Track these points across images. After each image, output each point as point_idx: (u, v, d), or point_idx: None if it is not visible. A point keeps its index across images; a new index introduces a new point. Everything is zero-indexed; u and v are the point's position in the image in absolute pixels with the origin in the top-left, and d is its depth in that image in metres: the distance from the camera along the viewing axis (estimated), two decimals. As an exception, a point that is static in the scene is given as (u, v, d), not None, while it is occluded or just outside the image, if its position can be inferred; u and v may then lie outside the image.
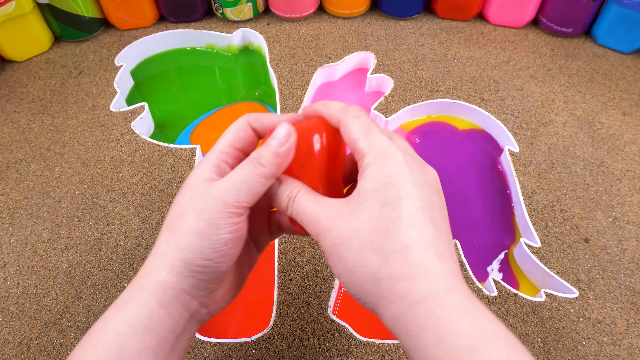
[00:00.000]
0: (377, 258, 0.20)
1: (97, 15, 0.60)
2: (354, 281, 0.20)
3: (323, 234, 0.21)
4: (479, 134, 0.53)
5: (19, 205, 0.45)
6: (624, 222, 0.44)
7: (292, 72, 0.56)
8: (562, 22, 0.60)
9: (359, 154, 0.21)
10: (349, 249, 0.20)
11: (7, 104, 0.54)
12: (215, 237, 0.21)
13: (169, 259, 0.22)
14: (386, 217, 0.20)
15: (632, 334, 0.38)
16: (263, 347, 0.37)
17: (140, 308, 0.21)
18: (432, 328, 0.18)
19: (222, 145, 0.24)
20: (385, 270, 0.19)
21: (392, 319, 0.20)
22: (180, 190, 0.23)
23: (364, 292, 0.20)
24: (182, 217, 0.22)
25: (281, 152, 0.22)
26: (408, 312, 0.19)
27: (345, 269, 0.20)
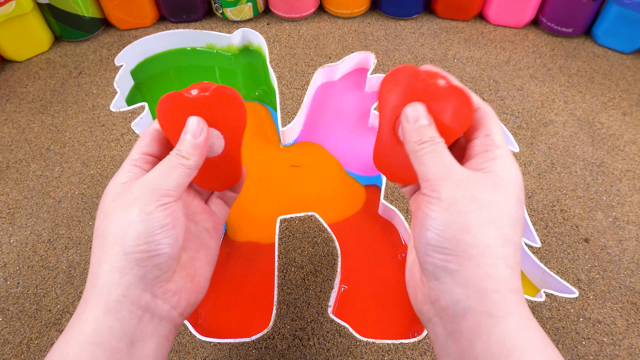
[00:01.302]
0: (499, 237, 0.20)
1: (97, 15, 0.60)
2: (464, 239, 0.20)
3: (455, 183, 0.21)
4: (479, 134, 0.52)
5: (19, 205, 0.45)
6: (624, 222, 0.44)
7: (292, 72, 0.56)
8: (562, 22, 0.60)
9: (494, 142, 0.22)
10: (478, 213, 0.20)
11: (7, 104, 0.54)
12: (149, 222, 0.21)
13: (107, 259, 0.21)
14: (516, 210, 0.21)
15: (632, 334, 0.38)
16: (263, 347, 0.37)
17: (85, 323, 0.20)
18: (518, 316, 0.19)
19: (132, 154, 0.24)
20: (501, 250, 0.20)
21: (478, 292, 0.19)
22: (100, 204, 0.23)
23: (465, 254, 0.20)
24: (110, 217, 0.22)
25: (199, 142, 0.24)
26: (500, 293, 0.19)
27: (462, 224, 0.20)
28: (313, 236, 0.43)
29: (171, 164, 0.23)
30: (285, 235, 0.43)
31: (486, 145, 0.22)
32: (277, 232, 0.43)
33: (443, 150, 0.22)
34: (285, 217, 0.43)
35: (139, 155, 0.24)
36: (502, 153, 0.22)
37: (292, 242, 0.43)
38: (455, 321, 0.20)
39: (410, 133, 0.23)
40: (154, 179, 0.22)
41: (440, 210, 0.20)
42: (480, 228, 0.20)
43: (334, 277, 0.40)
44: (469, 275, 0.20)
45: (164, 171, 0.23)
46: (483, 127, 0.23)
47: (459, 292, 0.20)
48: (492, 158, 0.22)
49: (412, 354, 0.37)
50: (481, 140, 0.23)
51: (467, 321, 0.19)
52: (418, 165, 0.22)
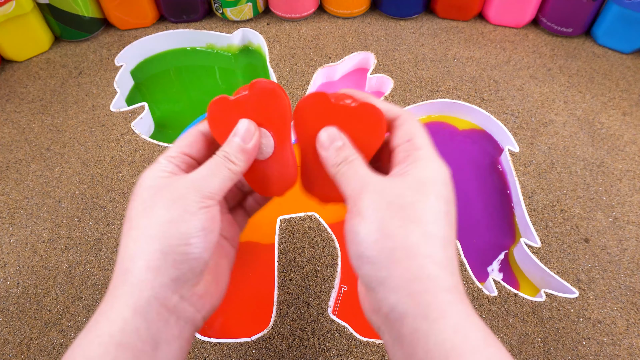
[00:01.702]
0: (421, 235, 0.20)
1: (97, 15, 0.60)
2: (385, 245, 0.20)
3: (369, 193, 0.21)
4: (479, 134, 0.53)
5: (19, 205, 0.45)
6: (624, 222, 0.44)
7: (292, 72, 0.56)
8: (562, 22, 0.60)
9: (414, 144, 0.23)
10: (396, 216, 0.20)
11: (7, 104, 0.54)
12: (192, 223, 0.21)
13: (143, 255, 0.21)
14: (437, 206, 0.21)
15: (632, 334, 0.38)
16: (263, 347, 0.37)
17: (112, 323, 0.20)
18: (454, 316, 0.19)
19: (170, 151, 0.24)
20: (425, 249, 0.20)
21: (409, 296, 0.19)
22: (135, 193, 0.23)
23: (389, 259, 0.20)
24: (151, 211, 0.21)
25: (248, 148, 0.24)
26: (431, 293, 0.19)
27: (381, 231, 0.20)
28: (313, 236, 0.43)
29: (217, 165, 0.23)
30: (285, 235, 0.43)
31: (407, 150, 0.23)
32: (277, 232, 0.43)
33: (358, 165, 0.23)
34: (285, 217, 0.44)
35: (177, 153, 0.24)
36: (422, 154, 0.22)
37: (292, 242, 0.43)
38: (395, 327, 0.20)
39: (327, 158, 0.24)
40: (200, 179, 0.22)
41: (361, 222, 0.20)
42: (400, 230, 0.20)
43: (334, 277, 0.40)
44: (398, 280, 0.19)
45: (209, 172, 0.22)
46: (404, 134, 0.23)
47: (393, 298, 0.20)
48: (413, 161, 0.22)
49: (412, 354, 0.37)
50: (403, 147, 0.23)
51: (406, 326, 0.19)
52: (340, 186, 0.23)
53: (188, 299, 0.22)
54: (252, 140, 0.24)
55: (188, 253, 0.21)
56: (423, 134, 0.24)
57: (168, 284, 0.21)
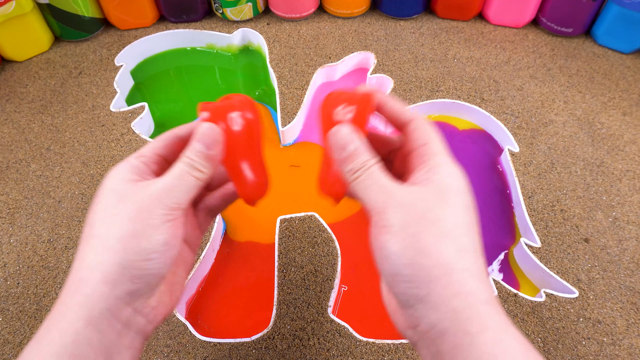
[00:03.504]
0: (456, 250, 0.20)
1: (97, 15, 0.60)
2: (422, 263, 0.19)
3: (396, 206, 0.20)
4: (479, 134, 0.53)
5: (19, 205, 0.45)
6: (624, 222, 0.44)
7: (292, 72, 0.56)
8: (562, 22, 0.60)
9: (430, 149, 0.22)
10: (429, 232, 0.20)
11: (7, 104, 0.54)
12: (154, 238, 0.20)
13: (101, 266, 0.20)
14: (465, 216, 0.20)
15: (632, 334, 0.38)
16: (263, 347, 0.37)
17: (64, 333, 0.19)
18: (494, 328, 0.19)
19: (143, 150, 0.23)
20: (461, 263, 0.19)
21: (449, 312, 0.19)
22: (99, 194, 0.22)
23: (428, 277, 0.19)
24: (112, 221, 0.21)
25: (213, 154, 0.23)
26: (472, 308, 0.19)
27: (417, 249, 0.19)
28: (313, 236, 0.43)
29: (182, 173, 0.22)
30: (285, 235, 0.43)
31: (423, 155, 0.22)
32: (277, 232, 0.43)
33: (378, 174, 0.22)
34: (285, 217, 0.43)
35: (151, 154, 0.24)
36: (440, 160, 0.22)
37: (292, 242, 0.43)
38: (436, 344, 0.20)
39: (343, 163, 0.22)
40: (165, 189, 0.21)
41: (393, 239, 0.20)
42: (435, 247, 0.20)
43: (334, 277, 0.40)
44: (438, 297, 0.19)
45: (174, 181, 0.22)
46: (419, 137, 0.23)
47: (433, 316, 0.19)
48: (432, 167, 0.22)
49: (412, 354, 0.37)
50: (418, 151, 0.22)
51: (446, 343, 0.19)
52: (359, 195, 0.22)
53: (140, 311, 0.22)
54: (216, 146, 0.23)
55: (147, 269, 0.21)
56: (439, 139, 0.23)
57: (122, 298, 0.20)
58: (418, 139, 0.23)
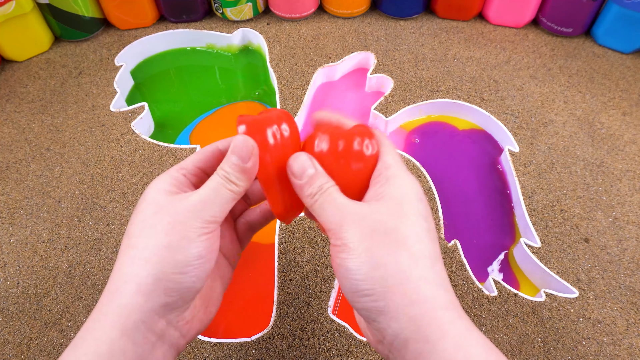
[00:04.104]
0: (410, 258, 0.20)
1: (97, 15, 0.60)
2: (377, 275, 0.20)
3: (350, 224, 0.21)
4: (479, 134, 0.53)
5: (19, 205, 0.45)
6: (624, 222, 0.44)
7: (292, 72, 0.56)
8: (562, 22, 0.60)
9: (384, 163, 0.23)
10: (382, 244, 0.20)
11: (7, 104, 0.54)
12: (189, 251, 0.20)
13: (136, 278, 0.20)
14: (419, 225, 0.21)
15: (632, 334, 0.38)
16: (263, 347, 0.37)
17: (100, 342, 0.20)
18: (454, 334, 0.19)
19: (185, 162, 0.24)
20: (416, 271, 0.20)
21: (409, 321, 0.19)
22: (139, 206, 0.22)
23: (384, 288, 0.20)
24: (149, 233, 0.21)
25: (248, 167, 0.22)
26: (430, 314, 0.19)
27: (372, 262, 0.20)
28: (313, 236, 0.43)
29: (217, 186, 0.22)
30: (285, 235, 0.43)
31: (378, 170, 0.23)
32: (277, 232, 0.43)
33: (334, 194, 0.22)
34: (285, 217, 0.43)
35: (192, 166, 0.24)
36: (392, 172, 0.22)
37: (292, 242, 0.43)
38: (401, 354, 0.20)
39: (302, 188, 0.23)
40: (201, 203, 0.21)
41: (348, 256, 0.20)
42: (389, 258, 0.20)
43: (334, 277, 0.40)
44: (396, 307, 0.20)
45: (210, 194, 0.22)
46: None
47: (394, 325, 0.20)
48: (385, 181, 0.22)
49: (412, 354, 0.37)
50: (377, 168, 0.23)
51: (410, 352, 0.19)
52: (318, 217, 0.22)
53: (175, 324, 0.22)
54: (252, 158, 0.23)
55: (181, 282, 0.21)
56: (391, 149, 0.23)
57: (157, 310, 0.21)
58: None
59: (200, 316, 0.24)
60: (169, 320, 0.21)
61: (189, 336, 0.23)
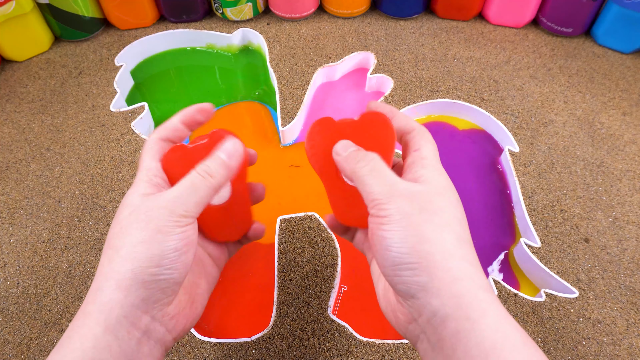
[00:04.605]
0: (455, 238, 0.21)
1: (97, 15, 0.60)
2: (424, 249, 0.20)
3: (400, 198, 0.21)
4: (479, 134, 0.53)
5: (19, 205, 0.45)
6: (624, 222, 0.44)
7: (292, 72, 0.56)
8: (562, 22, 0.60)
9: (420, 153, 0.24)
10: (429, 221, 0.21)
11: (7, 104, 0.54)
12: (165, 244, 0.21)
13: (114, 275, 0.21)
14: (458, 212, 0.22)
15: (632, 334, 0.38)
16: (263, 347, 0.37)
17: (84, 339, 0.20)
18: (493, 314, 0.19)
19: (145, 164, 0.24)
20: (460, 251, 0.21)
21: (452, 298, 0.20)
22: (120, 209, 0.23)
23: (430, 262, 0.20)
24: (125, 232, 0.21)
25: (231, 164, 0.24)
26: (472, 293, 0.20)
27: (419, 236, 0.20)
28: (313, 236, 0.43)
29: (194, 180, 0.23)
30: (285, 235, 0.43)
31: (415, 158, 0.24)
32: (277, 232, 0.43)
33: (381, 166, 0.23)
34: (285, 217, 0.43)
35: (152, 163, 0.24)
36: (430, 162, 0.24)
37: (292, 242, 0.43)
38: (437, 332, 0.20)
39: (346, 161, 0.24)
40: (176, 197, 0.22)
41: (395, 227, 0.21)
42: (436, 234, 0.20)
43: (334, 277, 0.40)
44: (439, 283, 0.20)
45: (185, 190, 0.22)
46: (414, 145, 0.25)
47: (435, 302, 0.20)
48: (422, 167, 0.23)
49: (412, 354, 0.37)
50: (411, 156, 0.24)
51: (448, 329, 0.20)
52: (362, 187, 0.23)
53: (159, 319, 0.22)
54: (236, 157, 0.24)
55: (158, 274, 0.21)
56: (431, 146, 0.25)
57: (138, 304, 0.21)
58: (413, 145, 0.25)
59: (186, 312, 0.24)
60: (153, 315, 0.22)
61: (175, 332, 0.23)
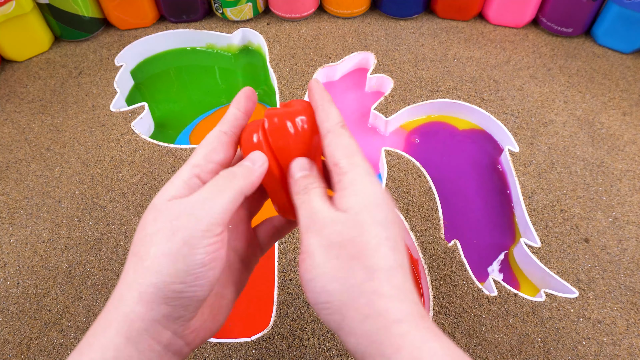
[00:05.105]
0: (364, 272, 0.19)
1: (97, 15, 0.60)
2: (332, 288, 0.19)
3: (313, 233, 0.20)
4: (479, 134, 0.53)
5: (19, 205, 0.45)
6: (624, 222, 0.44)
7: (292, 72, 0.56)
8: (562, 22, 0.60)
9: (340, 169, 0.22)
10: (338, 256, 0.20)
11: (7, 104, 0.54)
12: (191, 259, 0.19)
13: (137, 286, 0.20)
14: (376, 234, 0.20)
15: (632, 334, 0.38)
16: (263, 347, 0.37)
17: (105, 349, 0.19)
18: (408, 347, 0.18)
19: (196, 158, 0.22)
20: (369, 285, 0.19)
21: (363, 336, 0.19)
22: (146, 211, 0.21)
23: (339, 302, 0.19)
24: (151, 240, 0.20)
25: (256, 169, 0.22)
26: (383, 329, 0.19)
27: (327, 275, 0.20)
28: (313, 236, 0.43)
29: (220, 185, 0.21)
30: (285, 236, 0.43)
31: (337, 175, 0.22)
32: (277, 232, 0.43)
33: (313, 196, 0.21)
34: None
35: (203, 161, 0.22)
36: (350, 178, 0.21)
37: (292, 242, 0.43)
38: None
39: (291, 186, 0.23)
40: (201, 204, 0.20)
41: (309, 266, 0.20)
42: (343, 272, 0.19)
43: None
44: (351, 322, 0.19)
45: (211, 194, 0.21)
46: (330, 157, 0.22)
47: (352, 341, 0.19)
48: (342, 189, 0.21)
49: (412, 354, 0.37)
50: (334, 170, 0.22)
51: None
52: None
53: (180, 333, 0.21)
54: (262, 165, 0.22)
55: (182, 291, 0.20)
56: (347, 152, 0.22)
57: (159, 320, 0.20)
58: (329, 158, 0.22)
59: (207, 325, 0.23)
60: (175, 330, 0.21)
61: (194, 344, 0.22)
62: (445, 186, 0.47)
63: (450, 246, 0.42)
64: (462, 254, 0.41)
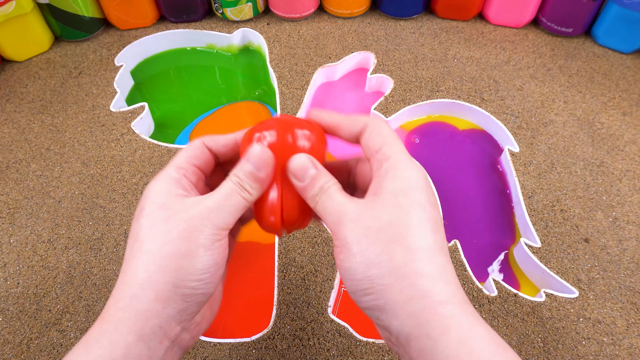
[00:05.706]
0: (405, 253, 0.19)
1: (97, 15, 0.60)
2: (373, 273, 0.19)
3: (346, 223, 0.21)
4: (479, 134, 0.53)
5: (19, 205, 0.45)
6: (624, 222, 0.44)
7: (292, 72, 0.56)
8: (562, 22, 0.60)
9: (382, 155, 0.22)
10: (377, 241, 0.20)
11: (7, 104, 0.54)
12: (206, 258, 0.21)
13: (154, 286, 0.20)
14: (417, 216, 0.20)
15: (632, 334, 0.38)
16: (263, 347, 0.37)
17: (115, 346, 0.20)
18: (457, 329, 0.19)
19: (180, 161, 0.23)
20: (412, 266, 0.19)
21: (409, 317, 0.19)
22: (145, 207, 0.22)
23: (381, 286, 0.19)
24: (163, 238, 0.21)
25: (262, 177, 0.22)
26: (429, 310, 0.19)
27: (366, 261, 0.20)
28: (313, 236, 0.43)
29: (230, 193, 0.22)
30: (285, 236, 0.43)
31: (378, 161, 0.22)
32: (277, 232, 0.43)
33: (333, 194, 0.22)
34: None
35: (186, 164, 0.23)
36: (392, 163, 0.21)
37: (292, 242, 0.43)
38: (406, 350, 0.20)
39: (305, 190, 0.23)
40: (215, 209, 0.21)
41: (346, 256, 0.20)
42: (383, 256, 0.19)
43: (334, 277, 0.40)
44: (394, 305, 0.19)
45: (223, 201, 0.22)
46: (373, 144, 0.22)
47: (395, 323, 0.20)
48: (384, 174, 0.21)
49: (412, 354, 0.37)
50: (374, 159, 0.22)
51: (413, 348, 0.19)
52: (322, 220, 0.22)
53: (187, 327, 0.22)
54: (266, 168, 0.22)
55: (198, 288, 0.21)
56: (391, 138, 0.22)
57: (174, 316, 0.21)
58: (372, 146, 0.22)
59: (207, 316, 0.24)
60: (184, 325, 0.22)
61: (196, 337, 0.24)
62: (445, 186, 0.47)
63: (450, 246, 0.42)
64: (462, 254, 0.41)
